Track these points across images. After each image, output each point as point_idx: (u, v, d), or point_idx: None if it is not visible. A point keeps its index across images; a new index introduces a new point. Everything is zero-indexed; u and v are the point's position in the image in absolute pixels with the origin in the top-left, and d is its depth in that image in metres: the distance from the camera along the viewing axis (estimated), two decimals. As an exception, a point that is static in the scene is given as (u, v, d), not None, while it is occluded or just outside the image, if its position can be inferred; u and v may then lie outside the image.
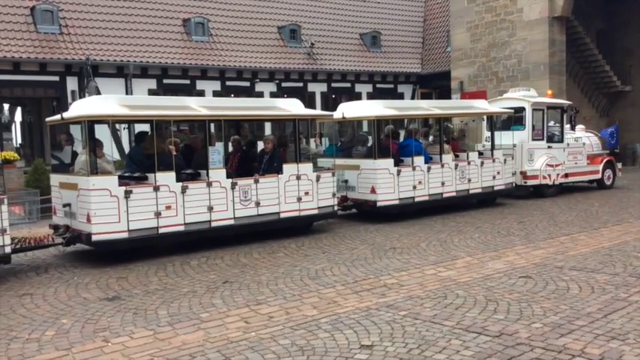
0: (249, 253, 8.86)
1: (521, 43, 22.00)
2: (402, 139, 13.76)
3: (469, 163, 12.82)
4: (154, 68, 22.24)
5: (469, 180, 12.78)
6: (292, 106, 10.78)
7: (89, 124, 8.48)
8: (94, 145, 8.51)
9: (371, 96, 27.12)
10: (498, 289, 6.52)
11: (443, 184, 12.30)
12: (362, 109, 12.44)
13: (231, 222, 9.43)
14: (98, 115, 8.54)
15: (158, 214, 8.63)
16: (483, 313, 5.66)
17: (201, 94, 22.73)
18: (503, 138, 14.13)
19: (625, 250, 8.30)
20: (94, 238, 8.20)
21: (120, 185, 8.46)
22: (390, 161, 11.54)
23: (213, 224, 9.23)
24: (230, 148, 11.87)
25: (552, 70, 21.32)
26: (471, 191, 12.88)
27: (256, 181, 9.73)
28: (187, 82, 23.08)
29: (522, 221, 11.17)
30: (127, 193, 8.37)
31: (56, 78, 20.64)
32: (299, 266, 7.90)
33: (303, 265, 7.99)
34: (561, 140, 15.39)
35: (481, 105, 14.21)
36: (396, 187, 11.56)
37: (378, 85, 28.43)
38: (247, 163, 10.67)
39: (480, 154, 13.43)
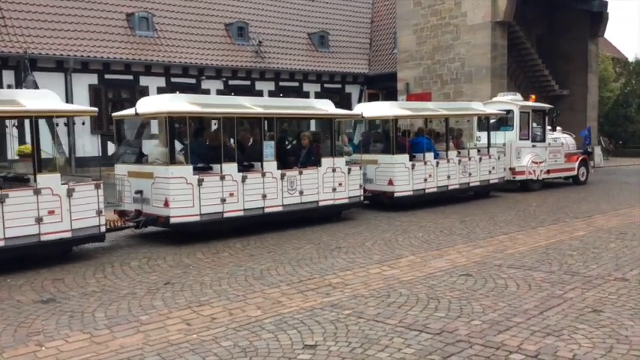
0: (192, 254, 8.70)
1: (464, 47, 22.51)
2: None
3: (470, 159, 14.35)
4: (95, 63, 21.62)
5: (469, 174, 14.31)
6: (327, 106, 11.96)
7: (169, 120, 9.31)
8: (173, 138, 9.54)
9: (319, 95, 27.21)
10: (440, 287, 6.63)
11: (449, 177, 13.75)
12: (380, 109, 13.68)
13: (280, 209, 10.54)
14: (178, 111, 9.49)
15: (223, 201, 9.68)
16: (425, 311, 5.74)
17: (144, 90, 22.24)
18: (494, 137, 15.52)
19: (561, 249, 8.59)
20: (172, 220, 9.19)
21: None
22: (406, 156, 12.83)
23: (266, 210, 10.33)
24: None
25: (494, 73, 21.91)
26: (471, 184, 14.43)
27: (300, 173, 10.87)
28: (130, 77, 22.56)
29: (464, 220, 11.42)
30: (200, 181, 9.39)
31: (-9, 71, 19.80)
32: (244, 266, 7.82)
33: (248, 265, 7.91)
34: (543, 140, 16.95)
35: (478, 107, 15.81)
36: (411, 180, 12.88)
37: (325, 85, 28.56)
38: (281, 157, 11.16)
39: (478, 151, 14.88)
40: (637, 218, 11.34)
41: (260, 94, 25.24)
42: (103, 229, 8.57)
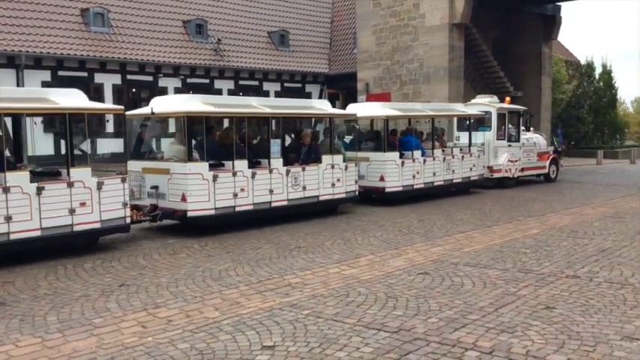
0: (148, 255, 8.54)
1: (423, 48, 22.75)
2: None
3: (453, 157, 15.19)
4: (48, 59, 21.04)
5: (453, 171, 15.18)
6: (325, 106, 12.84)
7: (188, 119, 9.85)
8: (190, 137, 10.04)
9: (279, 95, 27.15)
10: (398, 285, 6.69)
11: (434, 174, 14.60)
12: (371, 109, 14.52)
13: (285, 203, 11.11)
14: (196, 111, 10.03)
15: (235, 195, 10.21)
16: (383, 310, 5.78)
17: (99, 87, 21.77)
18: (472, 137, 16.30)
19: (515, 247, 8.79)
20: (190, 214, 9.72)
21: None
22: (396, 154, 13.62)
23: (273, 205, 10.90)
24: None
25: (451, 74, 22.21)
26: (454, 181, 15.25)
27: (303, 169, 11.46)
28: (85, 74, 22.04)
29: (422, 219, 11.56)
30: (215, 177, 9.91)
31: (-63, 66, 19.05)
32: (202, 267, 7.72)
33: (206, 265, 7.81)
34: (518, 140, 17.93)
35: (460, 108, 16.85)
36: (401, 176, 13.64)
37: (286, 84, 28.50)
38: (283, 154, 11.48)
39: (460, 150, 15.67)
40: (588, 217, 11.69)
41: (219, 92, 24.99)
42: (128, 220, 9.01)
